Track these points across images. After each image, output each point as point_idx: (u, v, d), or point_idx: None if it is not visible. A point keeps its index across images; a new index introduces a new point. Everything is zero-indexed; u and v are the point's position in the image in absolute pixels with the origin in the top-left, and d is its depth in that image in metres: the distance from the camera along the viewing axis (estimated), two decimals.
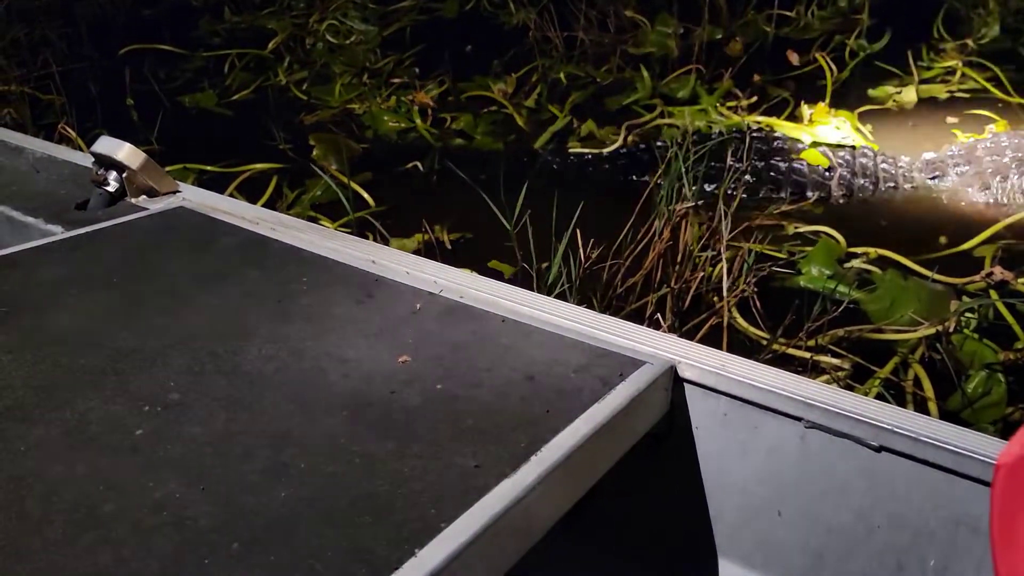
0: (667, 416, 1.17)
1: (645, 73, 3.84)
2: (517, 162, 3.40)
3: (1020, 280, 2.47)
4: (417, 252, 2.74)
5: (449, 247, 2.83)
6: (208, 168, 3.39)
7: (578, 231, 2.19)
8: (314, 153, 3.48)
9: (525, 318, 1.22)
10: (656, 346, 1.16)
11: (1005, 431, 2.03)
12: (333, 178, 3.10)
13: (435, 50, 4.43)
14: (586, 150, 3.42)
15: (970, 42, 4.14)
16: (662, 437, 1.19)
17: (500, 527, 0.83)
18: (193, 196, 1.63)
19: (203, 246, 1.42)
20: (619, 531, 1.34)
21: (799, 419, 1.07)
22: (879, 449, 1.02)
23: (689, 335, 2.22)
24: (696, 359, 1.14)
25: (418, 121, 3.75)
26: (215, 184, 3.09)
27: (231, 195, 3.04)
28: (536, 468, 0.89)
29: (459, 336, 1.16)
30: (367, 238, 2.75)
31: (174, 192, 1.65)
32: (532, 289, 2.33)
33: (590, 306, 2.32)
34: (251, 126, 3.80)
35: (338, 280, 1.31)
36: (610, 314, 2.34)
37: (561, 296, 2.21)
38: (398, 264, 1.35)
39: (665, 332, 1.30)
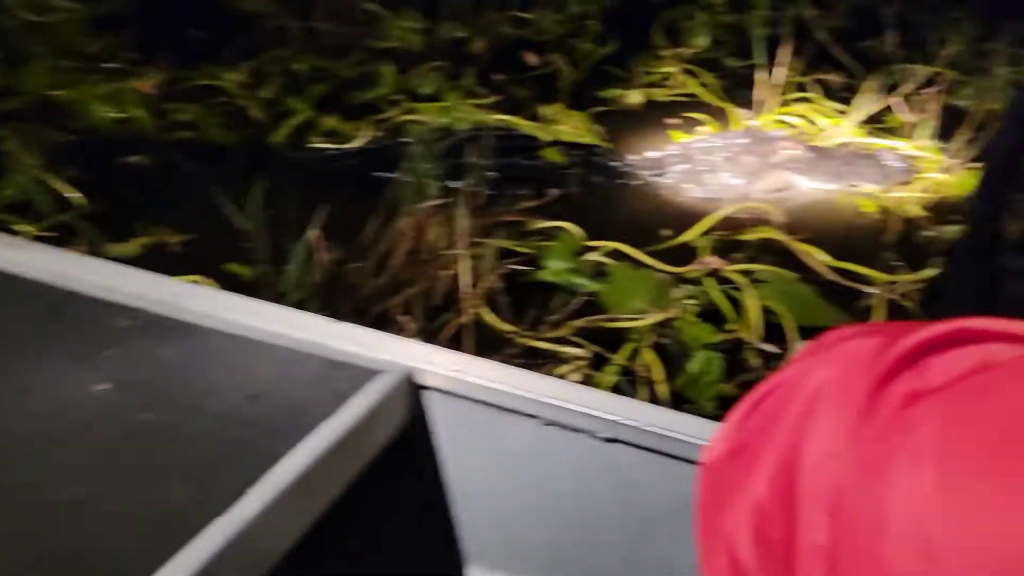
0: (409, 424, 1.14)
1: (388, 69, 3.80)
2: (253, 157, 3.19)
3: (730, 267, 2.78)
4: (138, 257, 2.48)
5: (178, 250, 2.59)
6: None
7: (319, 231, 2.09)
8: (6, 144, 3.02)
9: (252, 331, 1.12)
10: (395, 353, 1.13)
11: (723, 405, 2.26)
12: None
13: (156, 33, 4.05)
14: (330, 145, 3.31)
15: (684, 50, 4.57)
16: (405, 446, 1.16)
17: (215, 569, 0.74)
18: None
19: None
20: (368, 545, 1.29)
21: (535, 417, 1.09)
22: (610, 440, 1.07)
23: (436, 334, 2.22)
24: (436, 364, 1.12)
25: (136, 111, 3.40)
26: None
27: None
28: (257, 499, 0.81)
29: (172, 356, 1.04)
30: (71, 244, 2.46)
31: None
32: (269, 296, 2.22)
33: (335, 310, 2.23)
34: None
35: (20, 297, 1.12)
36: (356, 317, 2.30)
37: (300, 302, 2.11)
38: (99, 275, 1.18)
39: (406, 337, 1.27)
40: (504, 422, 1.12)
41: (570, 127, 3.60)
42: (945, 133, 3.64)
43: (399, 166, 2.63)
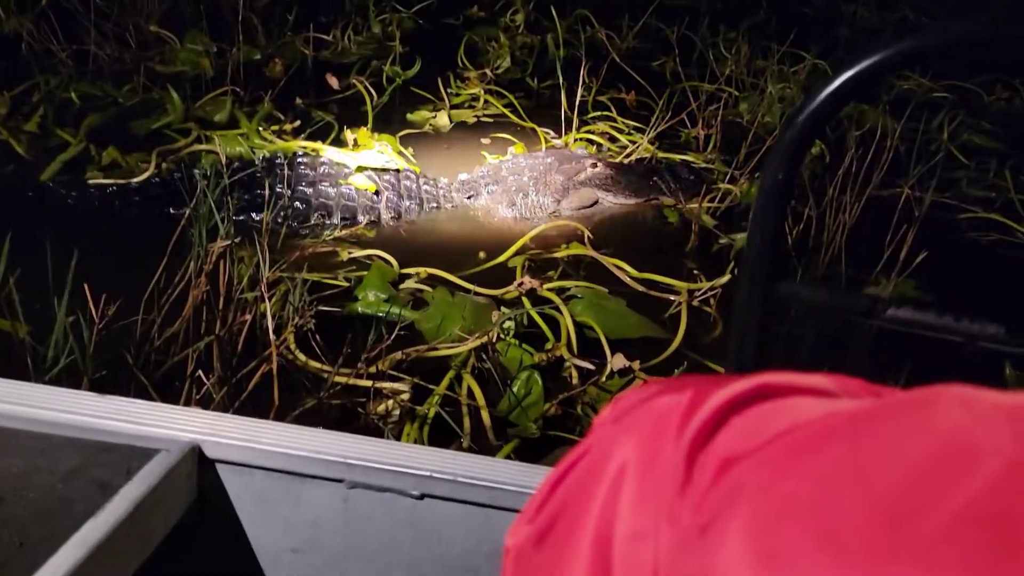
0: (196, 504, 1.02)
1: (175, 94, 3.53)
2: (19, 198, 2.85)
3: (545, 287, 2.81)
4: None
5: None
6: None
7: (85, 286, 1.87)
8: None
9: (4, 418, 0.96)
10: (175, 426, 1.00)
11: (546, 427, 2.27)
12: None
13: None
14: (110, 181, 3.01)
15: (488, 72, 4.64)
16: (195, 527, 1.04)
17: None
18: None
19: None
20: None
21: (340, 480, 1.01)
22: (421, 497, 1.01)
23: (240, 386, 2.06)
24: (223, 434, 1.01)
25: None
26: None
27: None
28: None
29: None
30: None
31: None
32: (32, 366, 1.96)
33: (119, 373, 2.01)
34: None
35: None
36: (148, 376, 2.09)
37: (71, 368, 1.87)
38: None
39: (190, 408, 1.14)
40: (306, 489, 1.03)
41: (378, 151, 3.52)
42: (728, 146, 3.93)
43: (190, 201, 2.43)
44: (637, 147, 3.91)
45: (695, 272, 3.04)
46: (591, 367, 2.48)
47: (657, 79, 4.61)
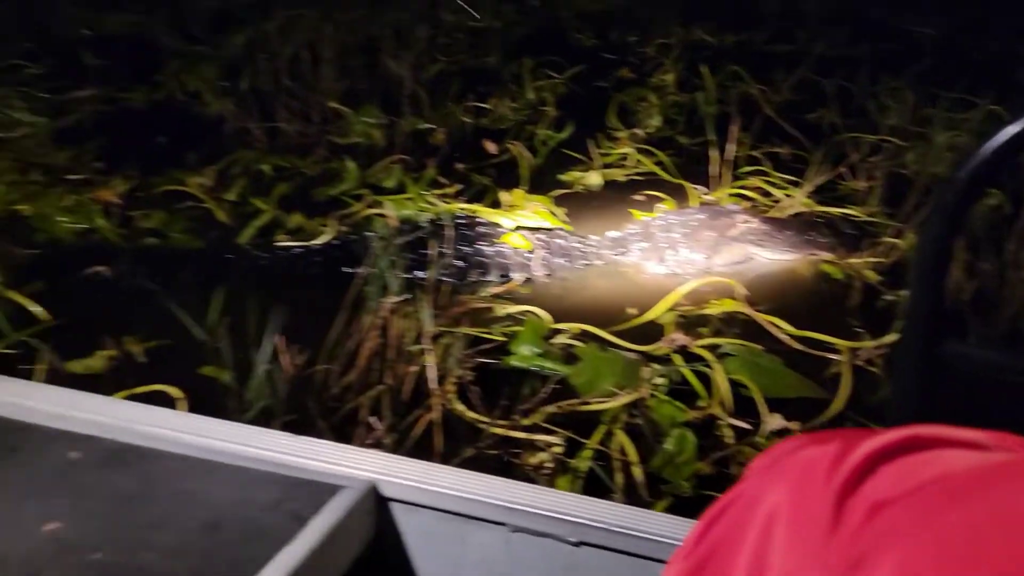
0: (374, 539, 1.11)
1: (351, 163, 3.85)
2: (220, 260, 3.19)
3: (696, 343, 2.79)
4: (103, 372, 2.43)
5: (144, 359, 2.55)
6: None
7: (278, 336, 2.07)
8: None
9: (209, 453, 1.10)
10: (356, 465, 1.10)
11: (699, 485, 2.24)
12: None
13: (121, 143, 4.08)
14: (295, 243, 3.32)
15: (639, 131, 4.70)
16: (373, 562, 1.12)
17: None
18: None
19: None
20: None
21: (503, 524, 1.07)
22: (578, 544, 1.04)
23: (406, 433, 2.19)
24: (398, 474, 1.10)
25: (100, 221, 3.39)
26: None
27: None
28: None
29: (126, 486, 1.01)
30: (32, 365, 2.41)
31: None
32: (234, 405, 2.18)
33: (304, 416, 2.20)
34: None
35: None
36: (324, 420, 2.27)
37: (267, 411, 2.07)
38: (52, 404, 1.15)
39: (371, 443, 1.25)
40: (472, 530, 1.09)
41: (532, 211, 3.65)
42: (893, 198, 3.75)
43: (364, 260, 2.63)
44: (793, 201, 3.81)
45: (858, 330, 2.91)
46: (747, 427, 2.42)
47: (814, 132, 4.49)
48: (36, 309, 2.71)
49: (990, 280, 3.00)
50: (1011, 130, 0.78)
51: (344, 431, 2.16)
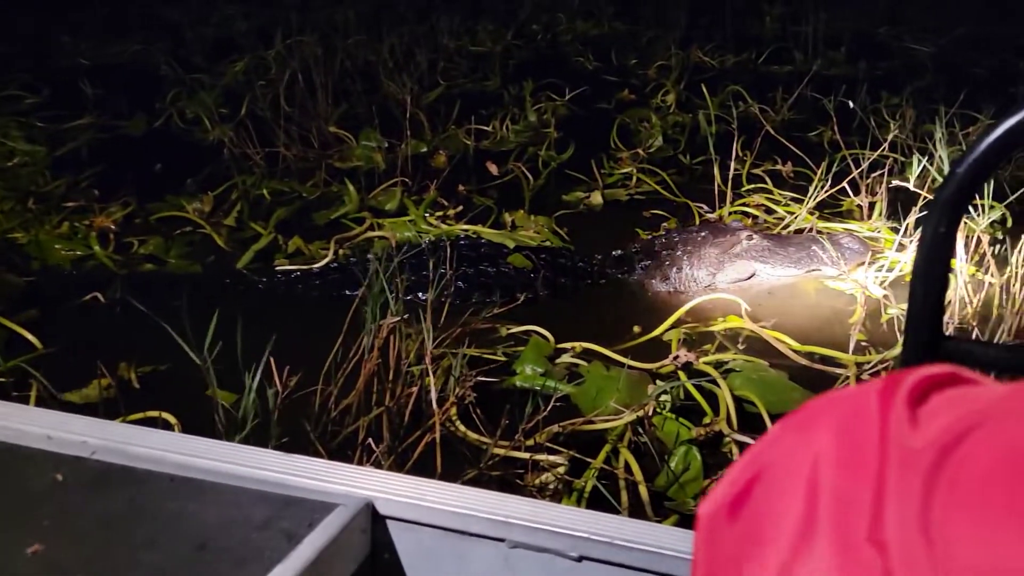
0: (369, 557, 1.08)
1: (351, 187, 3.85)
2: (218, 284, 3.18)
3: (702, 360, 2.76)
4: (98, 400, 2.41)
5: (137, 386, 2.53)
6: None
7: (271, 358, 2.05)
8: None
9: (200, 472, 1.07)
10: (351, 483, 1.08)
11: None
12: None
13: (118, 170, 4.08)
14: (294, 267, 3.31)
15: (640, 151, 4.71)
16: None
17: None
18: None
19: None
20: None
21: (502, 540, 1.04)
22: (579, 559, 1.01)
23: (407, 454, 2.16)
24: (394, 492, 1.07)
25: (96, 247, 3.39)
26: None
27: None
28: None
29: (113, 507, 0.98)
30: (27, 392, 2.39)
31: None
32: (229, 428, 2.15)
33: (302, 437, 2.17)
34: None
35: None
36: (325, 442, 2.24)
37: (258, 431, 2.04)
38: (35, 425, 1.13)
39: (368, 463, 1.22)
40: (470, 547, 1.06)
41: (535, 231, 3.65)
42: (894, 213, 3.74)
43: (364, 283, 2.62)
44: (795, 217, 3.80)
45: (863, 344, 2.88)
46: (753, 443, 2.38)
47: (815, 149, 4.49)
48: (30, 337, 2.69)
49: (995, 293, 2.97)
50: (1007, 124, 0.77)
51: (344, 453, 2.13)
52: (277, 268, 3.30)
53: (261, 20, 6.79)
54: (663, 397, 2.52)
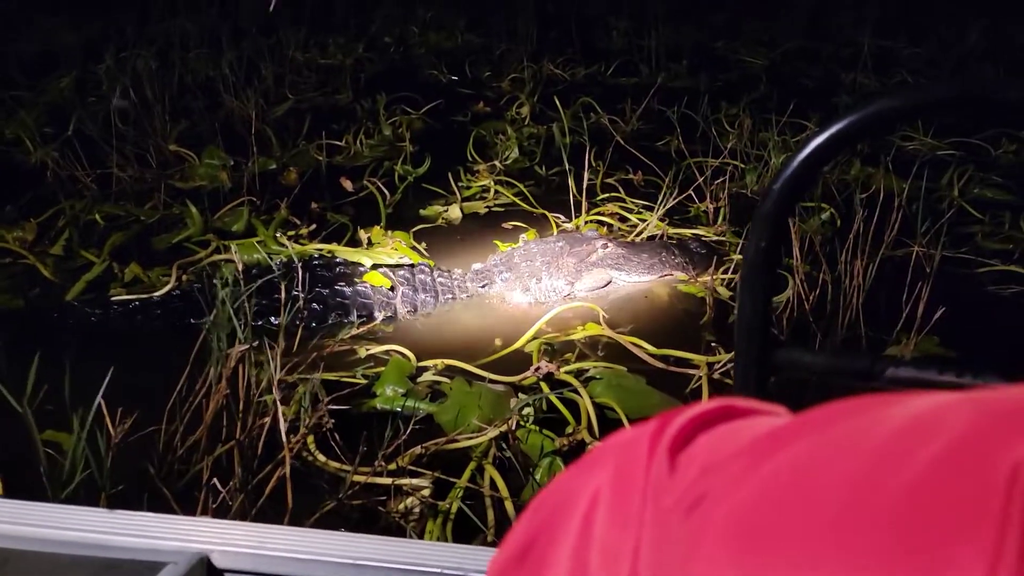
0: None
1: (194, 208, 3.65)
2: (43, 320, 2.93)
3: (562, 369, 2.80)
4: None
5: None
6: None
7: (103, 400, 1.89)
8: None
9: (9, 541, 0.96)
10: (184, 537, 1.00)
11: None
12: None
13: None
14: (132, 296, 3.09)
15: (497, 163, 4.75)
16: None
17: None
18: None
19: None
20: None
21: None
22: None
23: (261, 488, 2.05)
24: (232, 543, 1.00)
25: None
26: None
27: None
28: None
29: None
30: None
31: None
32: (53, 485, 1.97)
33: (139, 485, 2.01)
34: None
35: None
36: (171, 484, 2.09)
37: (88, 484, 1.88)
38: None
39: (203, 518, 1.14)
40: None
41: (392, 248, 3.59)
42: (737, 217, 3.96)
43: (210, 310, 2.48)
44: (647, 225, 3.95)
45: (713, 344, 3.02)
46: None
47: (663, 158, 4.69)
48: None
49: (827, 290, 3.19)
50: (816, 142, 0.81)
51: (188, 498, 1.99)
52: (113, 299, 3.07)
53: (89, 33, 6.36)
54: (526, 410, 2.54)
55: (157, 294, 3.10)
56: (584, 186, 4.10)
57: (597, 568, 0.36)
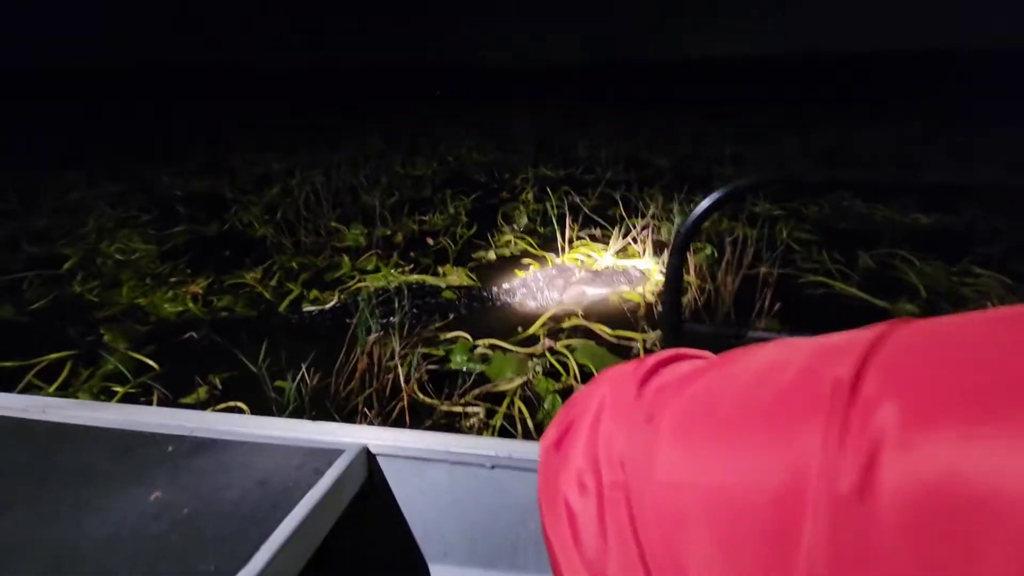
0: (367, 482, 1.07)
1: (346, 258, 3.77)
2: (267, 323, 3.05)
3: (558, 344, 2.84)
4: (204, 400, 2.26)
5: (221, 389, 2.39)
6: (5, 364, 2.46)
7: (303, 366, 1.99)
8: (105, 338, 2.74)
9: (259, 437, 1.04)
10: (354, 436, 1.07)
11: None
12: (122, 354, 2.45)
13: (202, 257, 3.87)
14: (314, 308, 3.20)
15: (516, 226, 4.81)
16: (367, 499, 1.08)
17: None
18: None
19: None
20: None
21: (452, 463, 1.04)
22: (493, 467, 1.03)
23: (389, 415, 2.13)
24: (383, 438, 1.07)
25: (191, 304, 3.19)
26: (16, 378, 2.25)
27: (30, 383, 2.24)
28: (265, 554, 0.74)
29: (204, 465, 0.95)
30: (150, 401, 2.22)
31: None
32: (282, 407, 2.07)
33: (320, 411, 2.11)
34: (49, 328, 2.88)
35: (103, 442, 1.01)
36: (336, 412, 2.18)
37: (298, 410, 1.98)
38: (157, 417, 1.08)
39: (361, 425, 1.21)
40: (429, 470, 1.07)
41: (456, 278, 3.66)
42: (657, 253, 3.98)
43: (356, 315, 2.57)
44: (604, 260, 3.98)
45: (644, 328, 3.04)
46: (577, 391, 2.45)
47: (611, 220, 4.72)
48: (151, 363, 2.50)
49: (711, 295, 3.20)
50: (705, 203, 0.87)
51: (351, 419, 2.08)
52: (304, 310, 3.19)
53: (288, 162, 6.56)
54: (538, 368, 2.58)
55: (327, 306, 3.20)
56: (566, 238, 4.14)
57: (603, 446, 0.35)
